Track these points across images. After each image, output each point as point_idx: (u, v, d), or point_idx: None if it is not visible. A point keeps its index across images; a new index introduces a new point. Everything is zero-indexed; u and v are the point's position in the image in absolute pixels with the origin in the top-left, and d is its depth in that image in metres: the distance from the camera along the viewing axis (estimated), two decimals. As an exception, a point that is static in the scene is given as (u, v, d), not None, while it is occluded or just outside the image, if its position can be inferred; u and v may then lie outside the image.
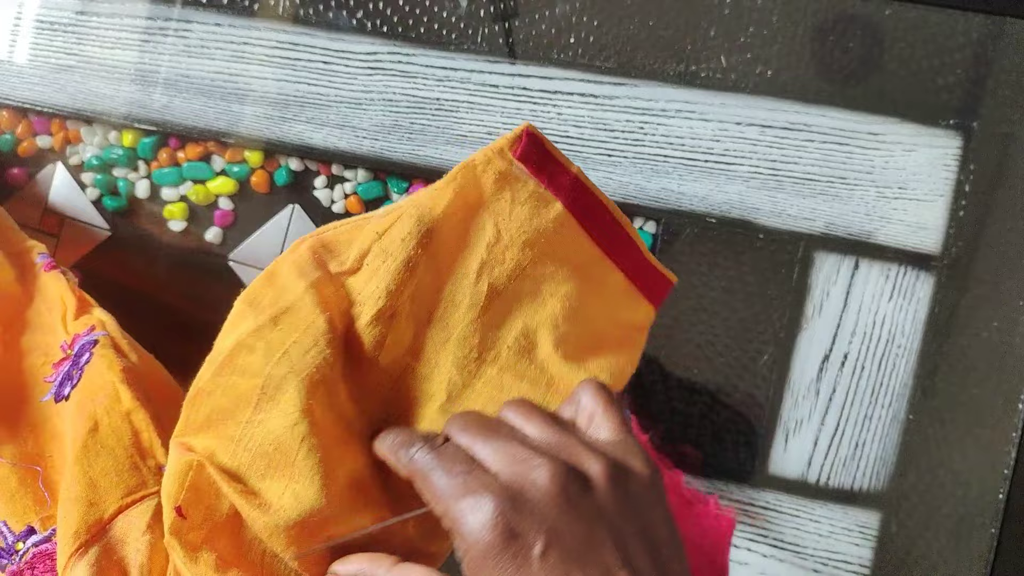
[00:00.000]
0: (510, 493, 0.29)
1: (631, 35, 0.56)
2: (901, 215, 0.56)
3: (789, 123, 0.56)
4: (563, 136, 0.56)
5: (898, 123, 0.56)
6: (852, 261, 0.56)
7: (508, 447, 0.31)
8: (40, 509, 0.43)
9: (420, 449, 0.33)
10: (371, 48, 0.57)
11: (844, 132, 0.56)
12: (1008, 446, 0.57)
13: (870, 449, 0.57)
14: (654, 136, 0.56)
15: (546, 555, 0.28)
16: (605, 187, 0.56)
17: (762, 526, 0.57)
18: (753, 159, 0.56)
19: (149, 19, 0.58)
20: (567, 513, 0.29)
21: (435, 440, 0.33)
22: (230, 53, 0.57)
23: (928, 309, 0.57)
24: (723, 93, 0.56)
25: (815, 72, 0.56)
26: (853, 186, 0.56)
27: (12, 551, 0.42)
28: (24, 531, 0.42)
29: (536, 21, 0.56)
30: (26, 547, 0.42)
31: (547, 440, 0.31)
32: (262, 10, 0.57)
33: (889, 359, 0.57)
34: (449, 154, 0.57)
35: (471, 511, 0.29)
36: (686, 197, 0.56)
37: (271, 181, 0.58)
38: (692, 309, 0.57)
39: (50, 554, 0.42)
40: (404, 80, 0.57)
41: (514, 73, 0.57)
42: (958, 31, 0.55)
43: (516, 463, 0.30)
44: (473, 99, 0.57)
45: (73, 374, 0.45)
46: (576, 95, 0.56)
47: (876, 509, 0.58)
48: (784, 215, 0.56)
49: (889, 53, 0.56)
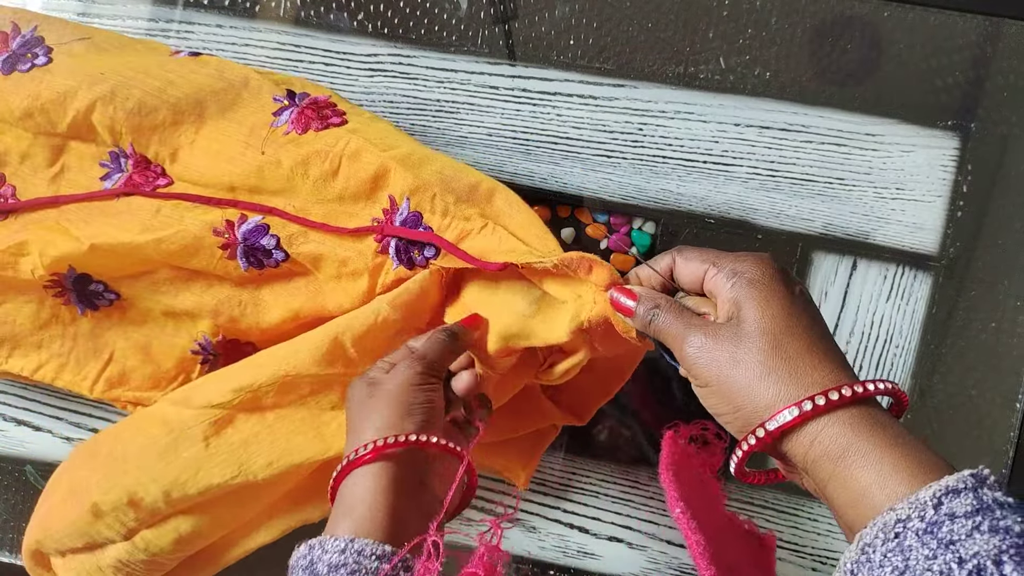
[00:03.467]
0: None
1: (630, 37, 0.57)
2: (899, 215, 0.56)
3: (787, 124, 0.56)
4: (563, 137, 0.57)
5: (896, 124, 0.56)
6: (850, 261, 0.57)
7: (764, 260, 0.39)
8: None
9: (676, 249, 0.41)
10: (372, 50, 0.57)
11: (842, 133, 0.56)
12: (1006, 445, 0.57)
13: (868, 449, 0.57)
14: (653, 137, 0.57)
15: (802, 296, 0.37)
16: (605, 187, 0.57)
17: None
18: (751, 160, 0.56)
19: (151, 20, 0.58)
20: (810, 300, 0.38)
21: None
22: (232, 55, 0.58)
23: (926, 309, 0.57)
24: (722, 94, 0.56)
25: (813, 74, 0.56)
26: (851, 187, 0.56)
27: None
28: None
29: (536, 23, 0.57)
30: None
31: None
32: (263, 12, 0.58)
33: (887, 359, 0.57)
34: (449, 154, 0.57)
35: (752, 257, 0.38)
36: (685, 198, 0.57)
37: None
38: (691, 309, 0.57)
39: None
40: (405, 81, 0.57)
41: (514, 75, 0.57)
42: (956, 33, 0.56)
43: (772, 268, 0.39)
44: (473, 100, 0.57)
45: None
46: (576, 96, 0.57)
47: (874, 508, 0.58)
48: (782, 215, 0.57)
49: (887, 55, 0.56)
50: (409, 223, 0.48)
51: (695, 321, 0.38)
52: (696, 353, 0.36)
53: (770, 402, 0.34)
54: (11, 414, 0.60)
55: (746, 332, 0.36)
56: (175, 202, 0.51)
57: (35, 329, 0.55)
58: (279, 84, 0.52)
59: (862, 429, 0.33)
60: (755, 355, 0.35)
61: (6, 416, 0.60)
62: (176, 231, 0.50)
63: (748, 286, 0.37)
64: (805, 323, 0.36)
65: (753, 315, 0.36)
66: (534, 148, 0.57)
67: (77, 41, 0.53)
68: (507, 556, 0.42)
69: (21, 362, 0.56)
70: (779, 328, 0.35)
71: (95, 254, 0.51)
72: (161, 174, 0.52)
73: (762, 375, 0.35)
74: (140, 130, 0.51)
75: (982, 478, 0.30)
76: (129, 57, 0.52)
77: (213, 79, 0.51)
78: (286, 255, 0.50)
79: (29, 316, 0.55)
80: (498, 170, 0.57)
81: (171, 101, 0.50)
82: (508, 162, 0.57)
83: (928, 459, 0.31)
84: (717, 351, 0.36)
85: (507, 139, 0.57)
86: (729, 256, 0.38)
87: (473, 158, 0.57)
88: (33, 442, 0.60)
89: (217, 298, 0.53)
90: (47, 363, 0.55)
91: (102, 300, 0.54)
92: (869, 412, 0.33)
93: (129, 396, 0.56)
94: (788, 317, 0.36)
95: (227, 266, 0.51)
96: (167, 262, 0.52)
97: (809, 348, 0.35)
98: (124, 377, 0.55)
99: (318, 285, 0.52)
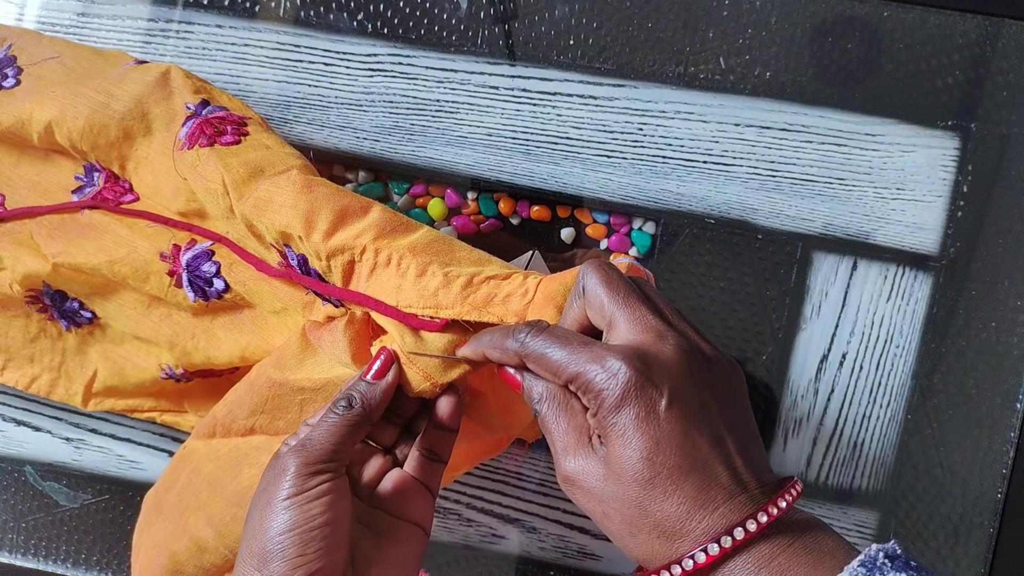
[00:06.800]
0: (639, 354, 0.33)
1: (630, 37, 0.56)
2: (899, 216, 0.56)
3: (787, 124, 0.56)
4: (563, 137, 0.57)
5: (896, 124, 0.56)
6: (850, 261, 0.57)
7: (644, 319, 0.34)
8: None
9: (528, 334, 0.35)
10: (372, 50, 0.57)
11: (842, 133, 0.56)
12: (1006, 446, 0.57)
13: (869, 449, 0.58)
14: (653, 137, 0.56)
15: (671, 409, 0.32)
16: (605, 188, 0.57)
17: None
18: (752, 160, 0.56)
19: (151, 21, 0.58)
20: (688, 380, 0.33)
21: (538, 324, 0.36)
22: (231, 55, 0.58)
23: (926, 309, 0.57)
24: (722, 94, 0.56)
25: (813, 74, 0.56)
26: (851, 187, 0.56)
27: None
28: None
29: (536, 23, 0.57)
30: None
31: (671, 317, 0.35)
32: (263, 12, 0.58)
33: (888, 359, 0.57)
34: (449, 155, 0.57)
35: (603, 368, 0.32)
36: (685, 198, 0.57)
37: (272, 182, 0.58)
38: (691, 309, 0.57)
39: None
40: (405, 81, 0.57)
41: (514, 75, 0.57)
42: (956, 33, 0.56)
43: (647, 331, 0.34)
44: (473, 100, 0.57)
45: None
46: (576, 96, 0.57)
47: (875, 508, 0.58)
48: (783, 216, 0.56)
49: (887, 54, 0.56)
50: (301, 268, 0.44)
51: (573, 439, 0.34)
52: (570, 481, 0.34)
53: (642, 560, 0.33)
54: (11, 415, 0.60)
55: (615, 473, 0.32)
56: (132, 221, 0.49)
57: (26, 343, 0.55)
58: (198, 92, 0.49)
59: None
60: (622, 508, 0.32)
61: (6, 417, 0.60)
62: (127, 252, 0.48)
63: (609, 414, 0.32)
64: (674, 460, 0.31)
65: (617, 453, 0.32)
66: (534, 148, 0.57)
67: (46, 60, 0.51)
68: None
69: (16, 375, 0.55)
70: (645, 470, 0.31)
71: (59, 273, 0.49)
72: (128, 190, 0.50)
73: (633, 533, 0.33)
74: (98, 147, 0.49)
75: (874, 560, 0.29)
76: (84, 74, 0.51)
77: (151, 87, 0.48)
78: (226, 285, 0.47)
79: (20, 329, 0.54)
80: (498, 170, 0.57)
81: (117, 117, 0.48)
82: (508, 162, 0.57)
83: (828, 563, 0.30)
84: (591, 502, 0.33)
85: (507, 139, 0.57)
86: (581, 365, 0.33)
87: (473, 158, 0.57)
88: (33, 443, 0.60)
89: (173, 328, 0.50)
90: (40, 376, 0.55)
91: (80, 318, 0.53)
92: (759, 554, 0.31)
93: (122, 406, 0.55)
94: (656, 452, 0.31)
95: (177, 295, 0.48)
96: (125, 285, 0.49)
97: (679, 488, 0.31)
98: (113, 390, 0.54)
99: (264, 319, 0.49)
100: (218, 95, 0.50)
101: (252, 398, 0.46)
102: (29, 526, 0.61)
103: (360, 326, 0.43)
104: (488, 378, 0.44)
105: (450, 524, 0.59)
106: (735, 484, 0.32)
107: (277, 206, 0.42)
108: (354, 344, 0.42)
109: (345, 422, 0.37)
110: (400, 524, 0.40)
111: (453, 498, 0.59)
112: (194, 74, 0.51)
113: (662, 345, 0.33)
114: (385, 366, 0.39)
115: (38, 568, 0.61)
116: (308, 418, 0.39)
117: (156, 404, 0.55)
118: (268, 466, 0.37)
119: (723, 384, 0.34)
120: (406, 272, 0.41)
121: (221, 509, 0.44)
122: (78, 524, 0.61)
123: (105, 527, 0.61)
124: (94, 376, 0.54)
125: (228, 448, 0.47)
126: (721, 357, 0.35)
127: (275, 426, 0.47)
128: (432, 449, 0.41)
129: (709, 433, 0.32)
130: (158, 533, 0.48)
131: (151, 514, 0.50)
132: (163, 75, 0.49)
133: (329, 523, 0.35)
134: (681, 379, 0.33)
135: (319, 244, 0.41)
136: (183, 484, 0.48)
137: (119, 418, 0.59)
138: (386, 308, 0.41)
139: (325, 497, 0.35)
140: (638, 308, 0.34)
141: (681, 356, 0.33)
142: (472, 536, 0.59)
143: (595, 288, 0.35)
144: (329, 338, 0.44)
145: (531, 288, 0.39)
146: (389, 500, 0.40)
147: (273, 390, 0.45)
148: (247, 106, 0.50)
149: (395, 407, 0.41)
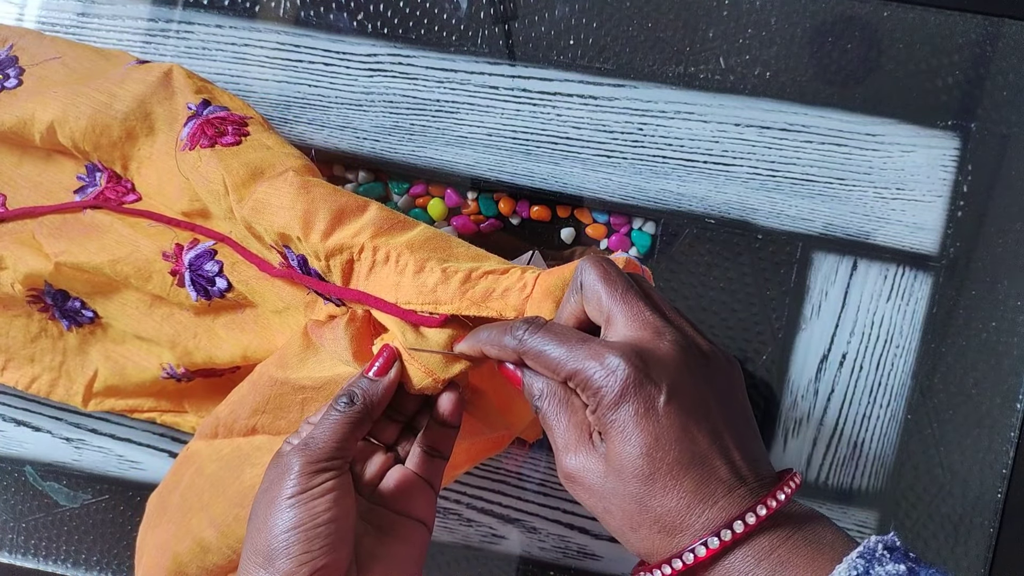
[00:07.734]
0: (637, 350, 0.33)
1: (630, 37, 0.56)
2: (899, 216, 0.56)
3: (787, 124, 0.56)
4: (563, 137, 0.57)
5: (896, 124, 0.56)
6: (850, 261, 0.57)
7: (642, 315, 0.34)
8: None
9: (526, 331, 0.35)
10: (372, 50, 0.57)
11: (842, 133, 0.56)
12: (1006, 445, 0.57)
13: (869, 449, 0.58)
14: (653, 137, 0.56)
15: (669, 405, 0.32)
16: (605, 188, 0.57)
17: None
18: (752, 160, 0.56)
19: (151, 21, 0.58)
20: (686, 375, 0.33)
21: (535, 321, 0.36)
22: (231, 55, 0.58)
23: (926, 309, 0.57)
24: (722, 94, 0.56)
25: (813, 74, 0.56)
26: (851, 187, 0.56)
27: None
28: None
29: (536, 23, 0.57)
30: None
31: (669, 313, 0.35)
32: (263, 12, 0.58)
33: (887, 359, 0.57)
34: (449, 155, 0.57)
35: (602, 366, 0.32)
36: (685, 198, 0.57)
37: (272, 182, 0.58)
38: (691, 309, 0.57)
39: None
40: (405, 81, 0.57)
41: (514, 75, 0.57)
42: (956, 32, 0.56)
43: (645, 328, 0.34)
44: (473, 100, 0.57)
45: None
46: (576, 96, 0.57)
47: (875, 508, 0.58)
48: (783, 216, 0.57)
49: (887, 54, 0.56)
50: (301, 268, 0.44)
51: (574, 436, 0.34)
52: (571, 478, 0.34)
53: (643, 555, 0.33)
54: (11, 415, 0.60)
55: (615, 470, 0.32)
56: (134, 221, 0.49)
57: (27, 342, 0.55)
58: (199, 92, 0.49)
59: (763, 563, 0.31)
60: (623, 504, 0.32)
61: (6, 416, 0.60)
62: (130, 252, 0.48)
63: (608, 411, 0.32)
64: (674, 455, 0.32)
65: (616, 450, 0.32)
66: (534, 148, 0.57)
67: (48, 61, 0.51)
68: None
69: (16, 375, 0.55)
70: (645, 466, 0.32)
71: (61, 272, 0.49)
72: (131, 190, 0.51)
73: (634, 528, 0.32)
74: (100, 147, 0.49)
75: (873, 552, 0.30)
76: (86, 74, 0.51)
77: (153, 87, 0.48)
78: (229, 284, 0.47)
79: (20, 329, 0.54)
80: (498, 170, 0.57)
81: (119, 117, 0.48)
82: (508, 162, 0.57)
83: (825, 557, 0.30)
84: (592, 499, 0.33)
85: (507, 139, 0.57)
86: (580, 362, 0.33)
87: (473, 158, 0.57)
88: (33, 443, 0.60)
89: (175, 327, 0.50)
90: (40, 376, 0.55)
91: (82, 317, 0.53)
92: (755, 548, 0.31)
93: (122, 406, 0.55)
94: (655, 448, 0.32)
95: (179, 294, 0.48)
96: (128, 284, 0.49)
97: (679, 483, 0.31)
98: (114, 389, 0.54)
99: (266, 319, 0.49)
100: (219, 94, 0.50)
101: (254, 398, 0.46)
102: (29, 526, 0.61)
103: (361, 324, 0.43)
104: (489, 375, 0.44)
105: (450, 524, 0.59)
106: (734, 478, 0.32)
107: (275, 208, 0.43)
108: (355, 342, 0.43)
109: (347, 419, 0.37)
110: (403, 520, 0.40)
111: (453, 498, 0.59)
112: (195, 74, 0.51)
113: (660, 341, 0.33)
114: (387, 363, 0.40)
115: (38, 568, 0.61)
116: (310, 416, 0.39)
117: (156, 404, 0.55)
118: (270, 465, 0.37)
119: (720, 379, 0.34)
120: (404, 269, 0.41)
121: (224, 509, 0.44)
122: (78, 524, 0.61)
123: (105, 527, 0.61)
124: (95, 376, 0.54)
125: (230, 448, 0.47)
126: (718, 353, 0.35)
127: (277, 426, 0.47)
128: (434, 446, 0.41)
129: (707, 428, 0.32)
130: (161, 534, 0.48)
131: (155, 515, 0.50)
132: (165, 75, 0.49)
133: (333, 520, 0.35)
134: (679, 375, 0.33)
135: (318, 244, 0.42)
136: (186, 485, 0.48)
137: (119, 418, 0.59)
138: (386, 305, 0.41)
139: (329, 495, 0.35)
140: (636, 304, 0.34)
141: (679, 352, 0.33)
142: (472, 536, 0.59)
143: (593, 284, 0.35)
144: (331, 336, 0.44)
145: (529, 283, 0.39)
146: (392, 497, 0.40)
147: (275, 389, 0.46)
148: (248, 105, 0.50)
149: (396, 404, 0.41)
